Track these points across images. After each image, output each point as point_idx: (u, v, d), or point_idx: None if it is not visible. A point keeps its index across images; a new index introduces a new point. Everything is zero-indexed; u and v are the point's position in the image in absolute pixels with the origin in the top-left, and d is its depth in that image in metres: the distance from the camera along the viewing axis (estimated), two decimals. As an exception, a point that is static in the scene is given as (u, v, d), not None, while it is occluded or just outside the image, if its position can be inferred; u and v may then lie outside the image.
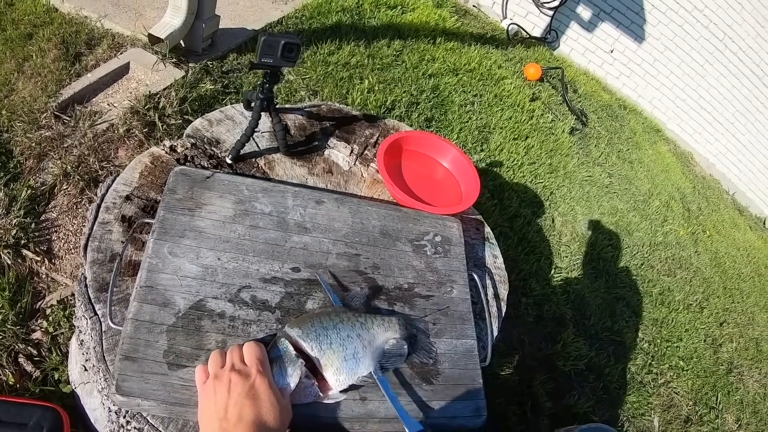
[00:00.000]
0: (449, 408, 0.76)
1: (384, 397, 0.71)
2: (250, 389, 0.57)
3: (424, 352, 0.79)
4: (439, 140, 1.27)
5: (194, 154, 1.11)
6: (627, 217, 3.02)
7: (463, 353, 0.85)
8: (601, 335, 2.11)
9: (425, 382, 0.77)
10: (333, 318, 0.72)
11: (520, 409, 1.63)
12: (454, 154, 1.26)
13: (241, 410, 0.55)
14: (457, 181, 1.25)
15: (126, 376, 0.65)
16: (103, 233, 0.89)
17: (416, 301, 0.88)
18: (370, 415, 0.70)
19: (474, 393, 0.80)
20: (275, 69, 1.02)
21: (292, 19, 3.33)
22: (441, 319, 0.88)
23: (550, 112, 3.69)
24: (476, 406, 0.79)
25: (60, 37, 1.93)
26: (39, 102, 1.69)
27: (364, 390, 0.72)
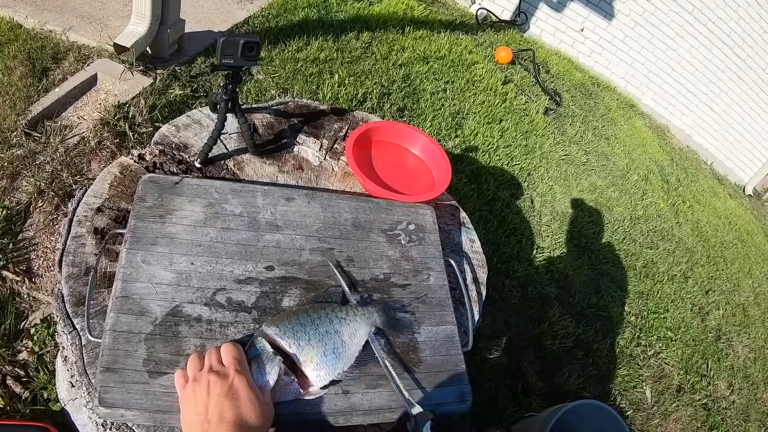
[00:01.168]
0: (433, 395, 0.77)
1: (366, 390, 0.73)
2: (229, 389, 0.57)
3: (406, 329, 0.82)
4: (408, 129, 1.28)
5: (163, 161, 1.10)
6: (606, 193, 3.06)
7: (444, 339, 0.86)
8: (587, 312, 2.15)
9: (407, 371, 0.78)
10: (311, 314, 0.73)
11: (511, 391, 1.65)
12: (424, 141, 1.27)
13: (222, 410, 0.55)
14: (429, 168, 1.26)
15: (108, 387, 0.65)
16: (77, 247, 0.88)
17: (393, 291, 0.89)
18: (354, 408, 0.71)
19: (458, 378, 0.81)
20: (237, 69, 1.01)
21: (258, 18, 3.30)
22: (419, 307, 0.89)
23: (523, 94, 3.71)
24: (461, 392, 0.80)
25: (25, 53, 1.89)
26: (8, 121, 1.66)
27: (346, 384, 0.73)
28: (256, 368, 0.64)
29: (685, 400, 2.08)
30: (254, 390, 0.59)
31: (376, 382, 0.75)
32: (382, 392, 0.74)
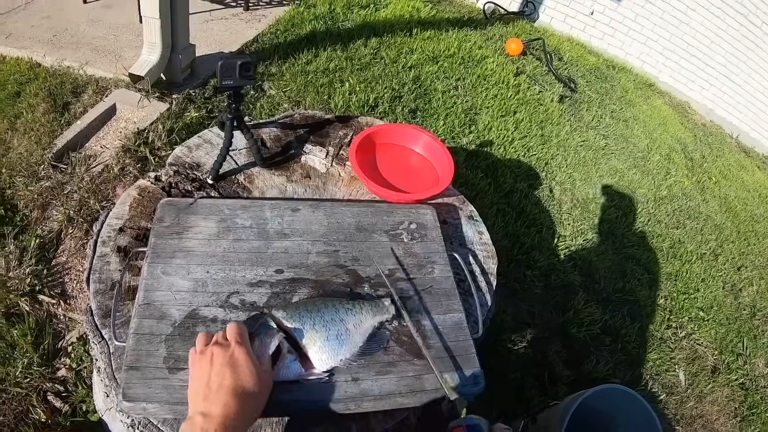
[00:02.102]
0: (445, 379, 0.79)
1: (376, 376, 0.76)
2: (229, 359, 0.62)
3: (415, 313, 0.86)
4: (409, 129, 1.31)
5: (178, 180, 1.16)
6: (628, 175, 3.00)
7: (452, 326, 0.88)
8: (614, 297, 2.12)
9: (417, 357, 0.81)
10: (317, 303, 0.78)
11: (537, 381, 1.65)
12: (426, 139, 1.29)
13: (222, 378, 0.60)
14: (433, 166, 1.28)
15: (131, 384, 0.71)
16: (102, 265, 0.95)
17: (399, 284, 0.92)
18: (364, 394, 0.74)
19: (469, 362, 0.83)
20: (237, 89, 1.06)
21: (267, 35, 3.39)
22: (426, 298, 0.91)
23: (536, 83, 3.68)
24: (473, 375, 0.82)
25: (46, 90, 2.02)
26: (35, 155, 1.77)
27: (356, 371, 0.76)
28: (258, 343, 0.69)
29: (720, 381, 2.02)
30: (252, 360, 0.63)
31: (385, 369, 0.78)
32: (391, 378, 0.77)
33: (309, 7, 3.94)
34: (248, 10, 3.71)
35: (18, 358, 1.29)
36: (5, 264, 1.47)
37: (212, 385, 0.59)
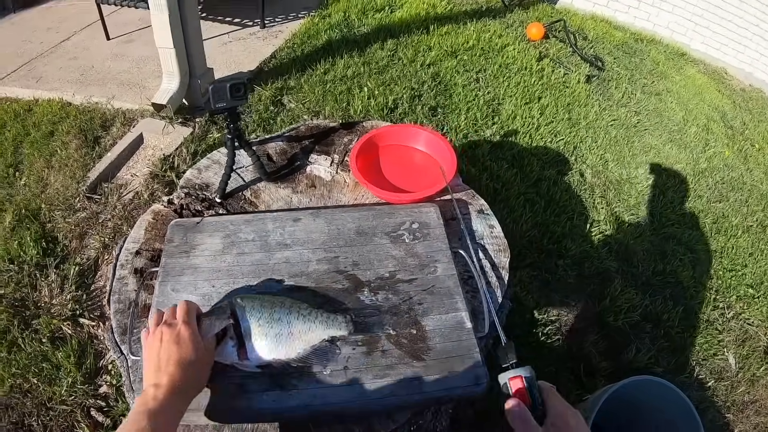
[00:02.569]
0: (446, 380, 0.78)
1: (373, 379, 0.76)
2: (176, 337, 0.69)
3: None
4: (409, 127, 1.30)
5: (188, 202, 1.21)
6: (663, 151, 2.84)
7: (454, 326, 0.86)
8: (653, 281, 2.01)
9: (416, 359, 0.80)
10: (276, 302, 0.80)
11: (573, 375, 1.58)
12: (427, 136, 1.28)
13: (169, 353, 0.67)
14: (436, 161, 1.27)
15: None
16: (121, 286, 1.00)
17: (399, 286, 0.92)
18: (360, 397, 0.74)
19: (471, 362, 0.81)
20: (231, 110, 1.09)
21: (284, 50, 3.46)
22: (427, 298, 0.90)
23: (561, 66, 3.56)
24: (474, 375, 0.80)
25: (77, 127, 2.15)
26: (71, 189, 1.89)
27: (353, 373, 0.77)
28: (208, 322, 0.75)
29: (775, 362, 1.86)
30: (195, 336, 0.70)
31: (383, 372, 0.77)
32: (388, 380, 0.76)
33: (324, 18, 4.00)
34: (264, 27, 3.81)
35: (63, 378, 1.39)
36: (48, 292, 1.58)
37: (161, 359, 0.67)
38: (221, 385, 0.76)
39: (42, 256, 1.68)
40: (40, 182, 1.92)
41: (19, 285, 1.58)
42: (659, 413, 1.12)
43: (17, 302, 1.54)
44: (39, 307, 1.54)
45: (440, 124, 2.84)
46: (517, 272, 1.96)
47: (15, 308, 1.51)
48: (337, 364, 0.78)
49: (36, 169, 1.96)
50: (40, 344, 1.44)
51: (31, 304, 1.54)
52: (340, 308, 0.86)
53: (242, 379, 0.77)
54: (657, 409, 1.12)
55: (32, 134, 2.10)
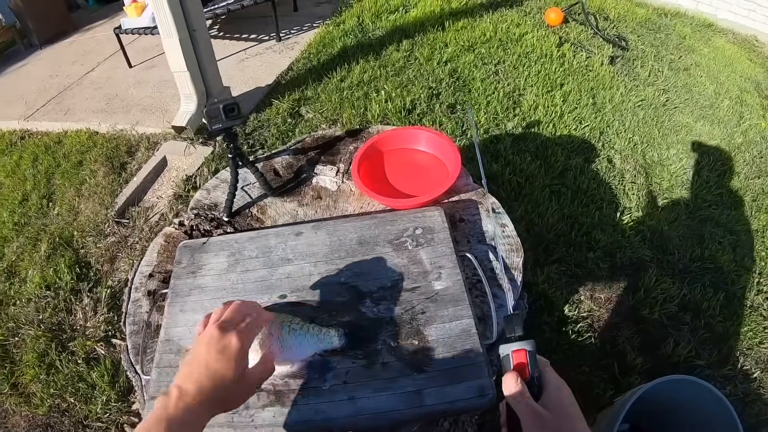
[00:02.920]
0: (448, 393, 0.75)
1: (373, 394, 0.74)
2: (222, 347, 0.63)
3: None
4: (409, 129, 1.27)
5: (198, 223, 1.23)
6: (695, 129, 2.68)
7: (459, 334, 0.83)
8: (692, 268, 1.89)
9: (417, 371, 0.78)
10: (281, 317, 0.79)
11: (607, 373, 1.51)
12: (428, 136, 1.25)
13: (207, 361, 0.62)
14: (441, 161, 1.24)
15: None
16: (135, 309, 1.03)
17: (401, 296, 0.89)
18: (360, 412, 0.73)
19: (475, 373, 0.78)
20: (228, 130, 1.10)
21: (300, 61, 3.50)
22: (430, 307, 0.87)
23: (582, 49, 3.44)
24: (479, 386, 0.77)
25: (104, 155, 2.25)
26: (100, 215, 1.98)
27: (352, 389, 0.75)
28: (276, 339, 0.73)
29: (830, 347, 1.70)
30: (242, 352, 0.64)
31: (384, 385, 0.76)
32: (389, 395, 0.74)
33: (338, 25, 4.03)
34: (281, 40, 3.88)
35: (98, 397, 1.45)
36: (83, 315, 1.65)
37: (198, 365, 0.62)
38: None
39: (76, 281, 1.76)
40: (71, 211, 2.02)
41: (55, 310, 1.66)
42: (696, 413, 1.04)
43: (54, 326, 1.62)
44: (74, 330, 1.61)
45: (459, 121, 2.79)
46: (544, 269, 1.89)
47: (52, 332, 1.59)
48: (337, 379, 0.77)
49: (67, 198, 2.06)
50: (76, 365, 1.51)
51: (67, 327, 1.62)
52: (333, 321, 0.85)
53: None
54: (693, 409, 1.05)
55: (62, 165, 2.21)
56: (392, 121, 2.82)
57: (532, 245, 1.98)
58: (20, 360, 1.51)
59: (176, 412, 0.57)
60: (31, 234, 1.86)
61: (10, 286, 1.72)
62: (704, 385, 0.99)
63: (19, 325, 1.57)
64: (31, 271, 1.74)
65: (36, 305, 1.62)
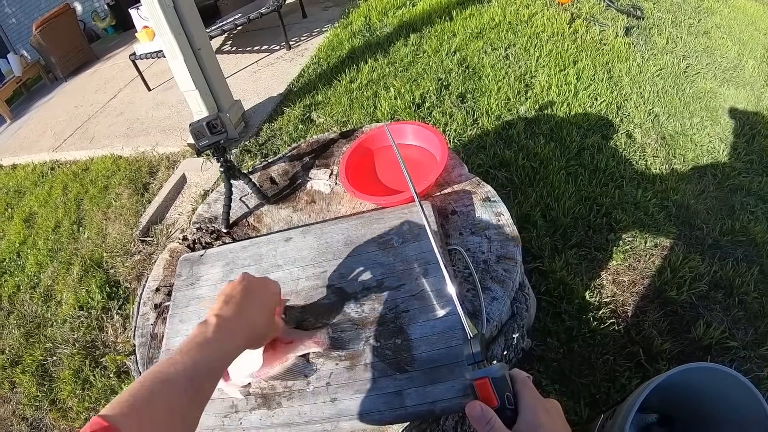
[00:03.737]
0: (429, 393, 0.74)
1: (354, 395, 0.74)
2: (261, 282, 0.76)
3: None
4: (392, 125, 1.26)
5: (200, 236, 1.26)
6: (719, 94, 2.53)
7: (443, 332, 0.82)
8: (722, 242, 1.78)
9: (399, 371, 0.77)
10: None
11: (633, 361, 1.44)
12: (413, 129, 1.24)
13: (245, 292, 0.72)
14: (429, 152, 1.22)
15: None
16: (144, 322, 1.08)
17: (386, 295, 0.89)
18: (341, 414, 0.73)
19: (458, 371, 0.76)
20: (215, 144, 1.13)
21: (310, 67, 3.54)
22: (414, 304, 0.86)
23: (595, 23, 3.31)
24: (462, 385, 0.75)
25: (128, 178, 2.35)
26: (126, 236, 2.07)
27: (333, 391, 0.76)
28: None
29: None
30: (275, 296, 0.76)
31: (364, 386, 0.75)
32: (370, 396, 0.74)
33: (345, 27, 4.04)
34: (291, 48, 3.92)
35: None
36: (113, 332, 1.73)
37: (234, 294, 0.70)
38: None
39: (107, 300, 1.85)
40: (100, 233, 2.12)
41: (88, 328, 1.75)
42: (724, 400, 0.98)
43: (88, 344, 1.71)
44: (106, 346, 1.70)
45: (469, 110, 2.74)
46: (562, 254, 1.83)
47: (86, 349, 1.68)
48: (321, 381, 0.78)
49: (96, 222, 2.17)
50: (108, 379, 1.58)
51: (99, 344, 1.71)
52: (319, 324, 0.86)
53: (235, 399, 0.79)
54: (719, 396, 0.98)
55: (90, 191, 2.32)
56: (402, 116, 2.81)
57: (549, 231, 1.92)
58: (58, 377, 1.61)
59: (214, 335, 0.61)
60: (64, 258, 1.97)
61: (47, 308, 1.83)
62: (726, 371, 0.93)
63: (56, 344, 1.68)
64: (66, 294, 1.85)
65: (71, 325, 1.72)
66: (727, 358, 1.43)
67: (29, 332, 1.88)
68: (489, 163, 2.29)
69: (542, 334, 1.54)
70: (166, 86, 3.39)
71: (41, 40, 5.04)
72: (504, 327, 0.98)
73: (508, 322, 1.00)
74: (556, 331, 1.55)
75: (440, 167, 1.12)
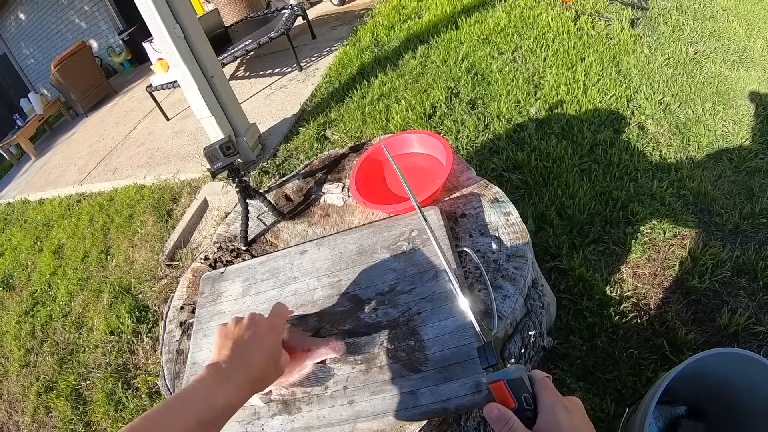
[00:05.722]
0: (442, 391, 0.76)
1: (370, 396, 0.77)
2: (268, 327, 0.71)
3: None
4: (398, 136, 1.30)
5: (220, 255, 1.32)
6: (731, 77, 2.49)
7: (454, 331, 0.84)
8: (743, 226, 1.75)
9: (413, 371, 0.79)
10: None
11: (657, 353, 1.43)
12: (418, 137, 1.27)
13: (245, 337, 0.68)
14: (435, 158, 1.25)
15: None
16: (170, 339, 1.13)
17: (399, 299, 0.91)
18: (358, 415, 0.76)
19: (470, 368, 0.78)
20: (229, 166, 1.19)
21: (322, 86, 3.62)
22: (426, 306, 0.89)
23: (601, 19, 3.31)
24: (474, 382, 0.76)
25: (151, 206, 2.45)
26: (152, 261, 2.15)
27: (351, 393, 0.78)
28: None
29: None
30: (277, 331, 0.72)
31: (380, 388, 0.78)
32: (385, 397, 0.77)
33: (354, 44, 4.13)
34: (302, 69, 4.02)
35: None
36: (144, 354, 1.80)
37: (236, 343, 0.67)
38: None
39: (136, 324, 1.92)
40: (127, 261, 2.21)
41: (120, 352, 1.82)
42: (752, 389, 0.96)
43: (120, 367, 1.77)
44: (137, 369, 1.76)
45: (480, 116, 2.77)
46: (580, 251, 1.83)
47: (118, 372, 1.75)
48: (338, 385, 0.81)
49: (122, 249, 2.26)
50: (140, 399, 1.64)
51: (131, 366, 1.77)
52: (335, 331, 0.89)
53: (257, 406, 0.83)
54: (749, 384, 0.97)
55: (116, 220, 2.42)
56: (414, 127, 2.85)
57: (566, 229, 1.92)
58: (91, 400, 1.68)
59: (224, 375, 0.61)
60: (94, 287, 2.06)
61: (79, 335, 1.91)
62: (751, 356, 0.91)
63: (89, 369, 1.75)
64: (97, 320, 1.93)
65: (102, 350, 1.79)
66: (754, 344, 1.40)
67: (62, 359, 1.97)
68: (502, 166, 2.30)
69: (564, 332, 1.54)
70: (184, 115, 3.51)
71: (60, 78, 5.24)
72: (519, 325, 0.99)
73: (523, 319, 1.01)
74: (578, 329, 1.54)
75: (445, 173, 1.14)
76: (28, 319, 2.40)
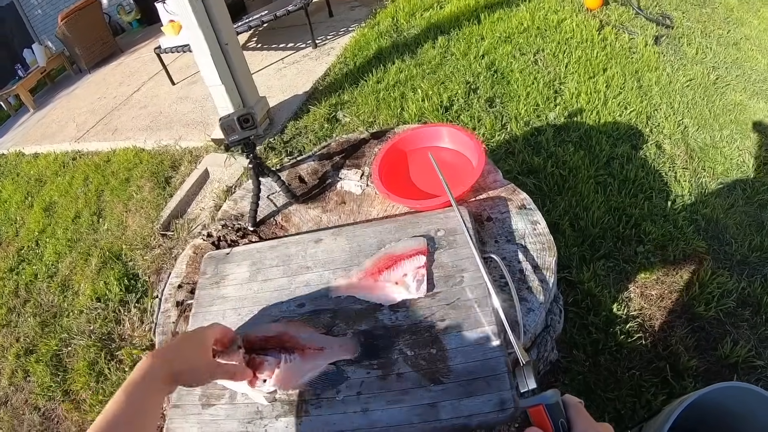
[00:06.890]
0: (465, 406, 0.71)
1: (386, 406, 0.72)
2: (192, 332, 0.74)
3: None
4: (428, 127, 1.24)
5: (225, 233, 1.25)
6: (749, 106, 2.46)
7: (479, 342, 0.79)
8: (750, 258, 1.73)
9: (434, 383, 0.74)
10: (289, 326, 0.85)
11: (659, 376, 1.40)
12: (449, 131, 1.21)
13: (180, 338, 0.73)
14: (464, 155, 1.19)
15: (173, 419, 0.81)
16: (165, 319, 1.07)
17: (421, 302, 0.86)
18: (372, 425, 0.71)
19: (495, 384, 0.73)
20: (246, 140, 1.12)
21: (336, 66, 3.52)
22: (450, 313, 0.84)
23: (624, 31, 3.25)
24: (499, 399, 0.72)
25: (150, 171, 2.36)
26: (146, 229, 2.07)
27: (365, 401, 0.73)
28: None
29: None
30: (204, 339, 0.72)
31: (398, 397, 0.73)
32: (403, 407, 0.72)
33: (372, 27, 4.03)
34: (317, 47, 3.92)
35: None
36: (130, 325, 1.73)
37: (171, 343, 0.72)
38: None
39: (125, 293, 1.85)
40: (120, 225, 2.13)
41: (105, 321, 1.75)
42: (750, 420, 0.94)
43: (104, 336, 1.70)
44: (123, 339, 1.69)
45: (498, 115, 2.71)
46: (590, 265, 1.79)
47: (102, 342, 1.68)
48: (351, 390, 0.75)
49: (116, 214, 2.17)
50: (123, 373, 1.57)
51: (116, 337, 1.70)
52: (350, 330, 0.83)
53: (260, 405, 0.77)
54: (747, 415, 0.95)
55: (111, 182, 2.33)
56: (429, 119, 2.78)
57: (577, 241, 1.88)
58: (72, 368, 1.61)
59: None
60: (83, 249, 1.98)
61: (64, 298, 1.84)
62: (758, 391, 0.89)
63: (72, 335, 1.68)
64: (83, 285, 1.85)
65: (87, 316, 1.72)
66: (753, 378, 1.39)
67: (45, 321, 1.89)
68: (517, 169, 2.26)
69: (568, 345, 1.51)
70: (191, 80, 3.40)
71: (66, 31, 5.09)
72: (537, 339, 0.95)
73: (542, 333, 0.97)
74: (583, 344, 1.51)
75: (477, 172, 1.09)
76: (12, 277, 2.31)
